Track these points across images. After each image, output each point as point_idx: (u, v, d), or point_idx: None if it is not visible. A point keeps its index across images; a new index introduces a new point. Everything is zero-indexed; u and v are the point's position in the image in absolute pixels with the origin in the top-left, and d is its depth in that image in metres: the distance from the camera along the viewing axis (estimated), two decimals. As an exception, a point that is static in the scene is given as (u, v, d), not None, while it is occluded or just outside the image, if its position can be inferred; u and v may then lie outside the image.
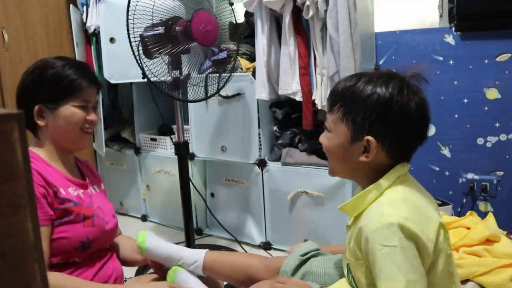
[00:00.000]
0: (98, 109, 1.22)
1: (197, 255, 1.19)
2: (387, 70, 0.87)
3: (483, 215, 2.03)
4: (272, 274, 1.11)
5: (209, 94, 1.84)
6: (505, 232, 1.29)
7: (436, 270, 0.81)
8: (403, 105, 0.81)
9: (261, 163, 2.08)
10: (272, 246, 2.16)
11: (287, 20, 1.85)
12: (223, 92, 2.09)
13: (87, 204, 1.10)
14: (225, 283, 1.34)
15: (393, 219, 0.76)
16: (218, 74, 1.88)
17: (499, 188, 2.00)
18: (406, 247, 0.75)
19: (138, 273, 1.70)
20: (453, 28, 2.01)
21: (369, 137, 0.82)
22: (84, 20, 2.60)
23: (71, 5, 2.60)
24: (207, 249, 1.21)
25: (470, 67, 1.99)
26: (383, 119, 0.82)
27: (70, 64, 1.08)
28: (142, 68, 1.61)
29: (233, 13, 1.84)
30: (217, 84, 1.86)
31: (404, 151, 0.86)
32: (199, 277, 1.15)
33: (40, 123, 1.07)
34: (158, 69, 1.67)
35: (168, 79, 1.70)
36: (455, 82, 2.04)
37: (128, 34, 1.54)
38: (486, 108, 1.99)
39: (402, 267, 0.74)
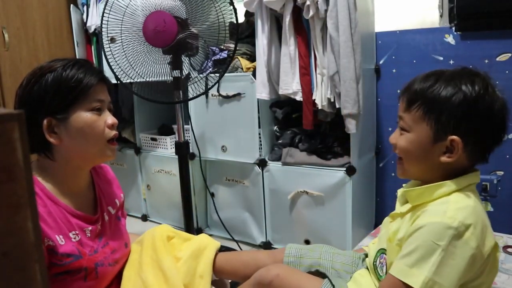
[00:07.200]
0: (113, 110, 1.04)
1: None
2: (465, 68, 0.86)
3: (483, 215, 2.03)
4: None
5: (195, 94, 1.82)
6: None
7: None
8: (490, 104, 0.80)
9: (262, 163, 2.08)
10: (272, 246, 2.16)
11: (287, 20, 1.85)
12: (223, 92, 2.09)
13: (90, 251, 0.94)
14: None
15: (454, 223, 0.74)
16: (218, 74, 1.88)
17: (499, 188, 2.00)
18: (450, 252, 0.73)
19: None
20: (453, 28, 2.01)
21: (454, 137, 0.80)
22: (85, 20, 2.61)
23: (71, 5, 2.61)
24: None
25: (470, 67, 1.99)
26: (470, 118, 0.79)
27: (71, 63, 0.93)
28: (112, 70, 1.64)
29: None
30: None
31: (484, 151, 0.84)
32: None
33: (53, 140, 0.90)
34: (128, 70, 1.73)
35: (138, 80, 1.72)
36: (456, 82, 2.04)
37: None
38: (486, 108, 1.98)
39: (433, 265, 0.73)
